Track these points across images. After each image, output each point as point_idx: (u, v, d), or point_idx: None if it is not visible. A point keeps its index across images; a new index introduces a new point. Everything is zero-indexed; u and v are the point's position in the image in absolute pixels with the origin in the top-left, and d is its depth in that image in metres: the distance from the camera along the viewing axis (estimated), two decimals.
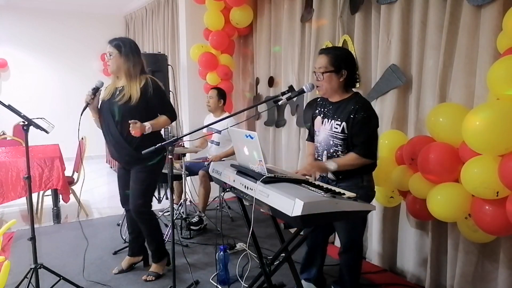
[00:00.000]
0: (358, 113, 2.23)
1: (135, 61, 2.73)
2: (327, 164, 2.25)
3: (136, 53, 2.76)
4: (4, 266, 2.65)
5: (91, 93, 2.73)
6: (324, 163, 2.27)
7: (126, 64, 2.71)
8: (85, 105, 2.74)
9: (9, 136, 5.75)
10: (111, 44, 2.74)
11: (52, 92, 7.81)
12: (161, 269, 2.97)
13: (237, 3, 4.42)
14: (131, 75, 2.72)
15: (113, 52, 2.71)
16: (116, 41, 2.74)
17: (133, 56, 2.73)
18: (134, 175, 2.81)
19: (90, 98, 2.73)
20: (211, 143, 4.25)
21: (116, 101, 2.70)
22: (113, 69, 2.75)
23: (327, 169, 2.26)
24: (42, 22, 7.61)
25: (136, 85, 2.70)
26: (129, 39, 2.86)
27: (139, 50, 2.83)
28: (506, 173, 1.88)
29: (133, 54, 2.73)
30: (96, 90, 2.74)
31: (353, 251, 2.45)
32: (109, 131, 2.77)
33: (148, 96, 2.71)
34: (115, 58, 2.71)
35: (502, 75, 1.94)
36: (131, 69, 2.71)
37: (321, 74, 2.27)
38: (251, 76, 5.00)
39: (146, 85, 2.71)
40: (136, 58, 2.74)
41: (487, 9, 2.31)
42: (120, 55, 2.71)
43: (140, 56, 2.80)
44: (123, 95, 2.69)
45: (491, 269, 2.45)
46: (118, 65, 2.72)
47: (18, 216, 4.53)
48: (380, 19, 3.04)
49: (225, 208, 4.30)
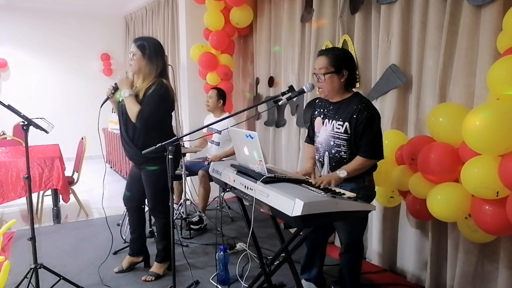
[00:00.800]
0: (361, 113, 2.22)
1: (158, 64, 2.69)
2: (339, 174, 2.22)
3: (160, 56, 2.71)
4: (4, 266, 2.65)
5: (112, 88, 2.74)
6: (337, 174, 2.22)
7: (148, 67, 2.67)
8: (105, 99, 2.76)
9: (9, 136, 5.75)
10: (135, 44, 2.69)
11: (52, 92, 7.81)
12: (162, 270, 2.97)
13: (237, 3, 4.42)
14: (148, 77, 2.69)
15: (137, 53, 2.67)
16: (141, 41, 2.69)
17: (156, 59, 2.68)
18: (146, 179, 2.84)
19: (110, 92, 2.74)
20: (211, 143, 4.25)
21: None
22: (134, 69, 2.72)
23: (340, 179, 2.22)
24: (42, 22, 7.61)
25: (145, 86, 2.68)
26: (154, 39, 2.80)
27: (163, 52, 2.78)
28: (506, 173, 1.88)
29: (156, 57, 2.69)
30: (117, 86, 2.74)
31: (353, 251, 2.45)
32: (121, 130, 2.82)
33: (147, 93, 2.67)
34: (138, 59, 2.67)
35: (502, 75, 1.94)
36: (152, 72, 2.68)
37: (322, 75, 2.27)
38: (251, 76, 5.00)
39: (152, 86, 2.68)
40: (160, 61, 2.70)
41: (487, 9, 2.31)
42: (143, 57, 2.66)
43: (164, 58, 2.76)
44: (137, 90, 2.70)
45: (491, 269, 2.45)
46: (139, 67, 2.69)
47: (18, 216, 4.53)
48: (380, 19, 3.04)
49: (225, 208, 4.30)
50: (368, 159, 2.26)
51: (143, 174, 2.84)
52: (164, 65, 2.76)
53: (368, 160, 2.27)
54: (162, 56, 2.75)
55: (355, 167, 2.25)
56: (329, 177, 2.20)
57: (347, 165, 2.26)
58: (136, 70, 2.72)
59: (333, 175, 2.22)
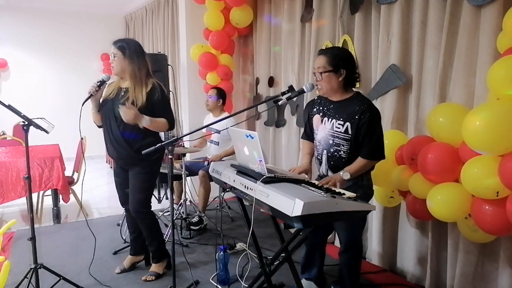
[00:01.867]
0: (364, 114, 2.23)
1: (139, 63, 2.70)
2: (342, 175, 2.22)
3: (140, 55, 2.73)
4: (4, 266, 2.65)
5: (96, 85, 2.72)
6: (341, 176, 2.22)
7: (131, 66, 2.69)
8: (88, 96, 2.72)
9: (9, 136, 5.75)
10: (115, 45, 2.72)
11: (52, 92, 7.81)
12: (161, 269, 2.97)
13: (237, 3, 4.42)
14: (136, 78, 2.70)
15: (117, 53, 2.69)
16: (120, 43, 2.72)
17: (137, 58, 2.70)
18: (133, 176, 2.81)
19: (94, 90, 2.71)
20: (210, 143, 4.25)
21: (120, 102, 2.68)
22: (117, 70, 2.73)
23: (345, 181, 2.22)
24: (42, 22, 7.61)
25: (142, 90, 2.69)
26: (133, 40, 2.83)
27: (144, 52, 2.80)
28: (506, 173, 1.88)
29: (137, 56, 2.71)
30: (102, 83, 2.73)
31: (353, 250, 2.45)
32: (111, 130, 2.77)
33: (153, 101, 2.69)
34: (119, 60, 2.69)
35: (502, 75, 1.94)
36: (136, 71, 2.69)
37: (320, 74, 2.28)
38: (251, 76, 5.00)
39: (153, 90, 2.70)
40: (141, 61, 2.72)
41: (487, 9, 2.31)
42: (124, 57, 2.69)
43: (145, 58, 2.77)
44: (127, 97, 2.68)
45: (491, 269, 2.45)
46: (122, 67, 2.71)
47: (18, 216, 4.53)
48: (380, 19, 3.04)
49: (225, 208, 4.30)
50: (371, 160, 2.29)
51: (131, 175, 2.81)
52: (147, 65, 2.76)
53: (371, 161, 2.29)
54: (144, 55, 2.77)
55: (358, 168, 2.26)
56: (334, 179, 2.20)
57: (349, 167, 2.27)
58: (119, 71, 2.73)
59: (337, 177, 2.21)
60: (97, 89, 2.72)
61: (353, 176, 2.23)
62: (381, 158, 2.34)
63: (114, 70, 2.75)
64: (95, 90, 2.71)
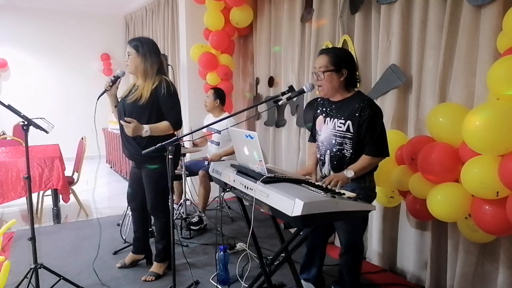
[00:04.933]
0: (364, 111, 2.22)
1: (152, 61, 2.72)
2: (346, 174, 2.20)
3: (154, 53, 2.75)
4: (4, 266, 2.65)
5: (110, 81, 2.75)
6: (344, 174, 2.20)
7: (144, 64, 2.71)
8: (103, 91, 2.75)
9: (9, 136, 5.75)
10: (130, 44, 2.75)
11: (52, 92, 7.81)
12: (161, 270, 2.97)
13: (237, 3, 4.42)
14: (147, 75, 2.73)
15: (131, 52, 2.72)
16: (135, 42, 2.75)
17: (150, 56, 2.72)
18: (146, 178, 2.84)
19: (108, 85, 2.74)
20: (211, 143, 4.25)
21: (127, 99, 2.72)
22: (131, 69, 2.76)
23: (348, 179, 2.20)
24: (42, 22, 7.61)
25: (149, 85, 2.71)
26: (148, 38, 2.85)
27: (158, 50, 2.82)
28: (506, 173, 1.88)
29: (150, 54, 2.73)
30: (116, 79, 2.76)
31: (353, 252, 2.45)
32: (122, 129, 2.79)
33: (159, 97, 2.71)
34: (133, 58, 2.72)
35: (502, 75, 1.94)
36: (148, 69, 2.72)
37: (322, 74, 2.27)
38: (251, 76, 5.00)
39: (159, 86, 2.71)
40: (154, 58, 2.74)
41: (487, 9, 2.31)
42: (137, 54, 2.71)
43: (159, 56, 2.80)
44: (134, 94, 2.71)
45: (491, 269, 2.45)
46: (135, 65, 2.73)
47: (18, 216, 4.53)
48: (380, 19, 3.04)
49: (225, 208, 4.30)
50: (374, 157, 2.26)
51: (143, 173, 2.85)
52: (161, 63, 2.79)
53: (374, 158, 2.26)
54: (157, 53, 2.79)
55: (362, 166, 2.24)
56: (336, 177, 2.18)
57: (353, 165, 2.25)
58: (133, 69, 2.76)
59: (340, 175, 2.19)
60: (111, 85, 2.76)
61: (357, 174, 2.21)
62: (385, 155, 2.31)
63: (129, 69, 2.77)
64: (109, 85, 2.75)
